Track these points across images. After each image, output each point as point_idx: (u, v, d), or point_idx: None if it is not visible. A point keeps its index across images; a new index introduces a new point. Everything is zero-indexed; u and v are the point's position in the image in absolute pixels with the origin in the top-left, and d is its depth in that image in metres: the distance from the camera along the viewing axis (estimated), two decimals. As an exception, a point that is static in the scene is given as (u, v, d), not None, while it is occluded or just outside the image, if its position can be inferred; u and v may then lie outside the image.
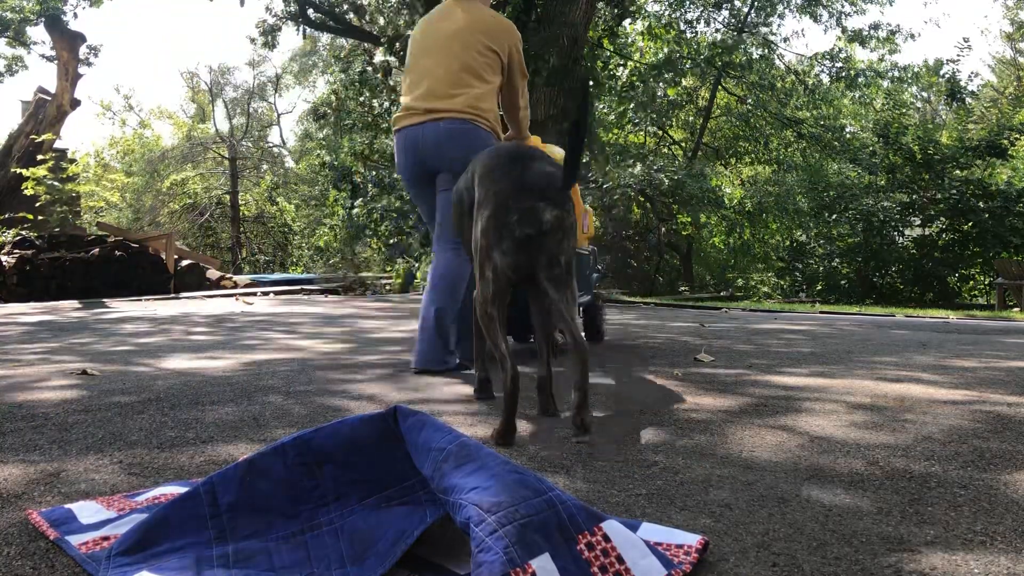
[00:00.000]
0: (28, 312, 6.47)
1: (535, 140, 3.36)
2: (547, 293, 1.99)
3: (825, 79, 17.30)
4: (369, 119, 16.82)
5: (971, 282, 15.14)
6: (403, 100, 3.03)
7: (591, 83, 10.42)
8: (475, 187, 2.09)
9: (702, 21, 16.63)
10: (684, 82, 16.76)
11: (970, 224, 14.04)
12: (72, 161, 15.32)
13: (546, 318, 2.29)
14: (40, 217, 11.69)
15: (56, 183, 11.98)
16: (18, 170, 12.72)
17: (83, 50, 15.49)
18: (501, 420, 1.86)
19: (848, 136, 17.87)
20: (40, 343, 4.00)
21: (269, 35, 15.56)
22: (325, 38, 25.59)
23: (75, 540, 1.23)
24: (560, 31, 9.59)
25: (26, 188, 12.02)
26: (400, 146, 2.99)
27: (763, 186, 17.13)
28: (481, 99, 2.89)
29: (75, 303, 7.69)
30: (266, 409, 2.22)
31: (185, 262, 11.94)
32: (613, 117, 16.74)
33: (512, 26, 3.08)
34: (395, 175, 18.65)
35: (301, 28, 15.48)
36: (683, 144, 19.56)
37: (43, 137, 13.77)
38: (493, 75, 2.95)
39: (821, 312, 8.35)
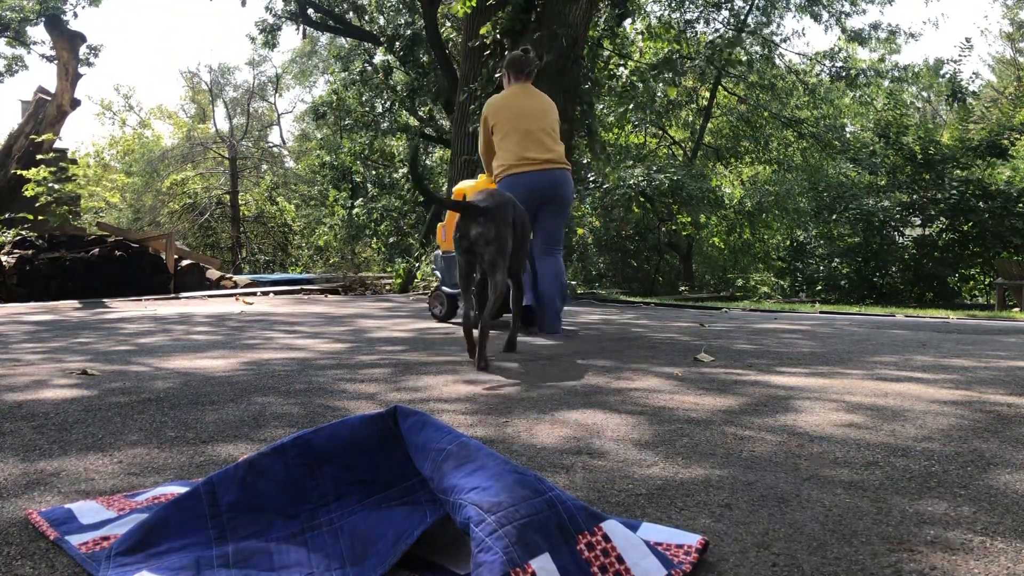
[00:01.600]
0: (28, 312, 6.47)
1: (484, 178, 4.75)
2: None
3: (825, 79, 17.31)
4: (369, 119, 16.82)
5: (971, 282, 15.14)
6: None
7: (591, 83, 10.42)
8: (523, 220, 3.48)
9: (702, 21, 16.63)
10: (684, 82, 16.75)
11: (970, 224, 14.05)
12: (72, 161, 15.32)
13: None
14: (40, 217, 11.68)
15: (56, 184, 11.98)
16: (18, 171, 12.72)
17: (83, 50, 15.48)
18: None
19: (848, 136, 17.87)
20: (40, 343, 4.00)
21: (269, 34, 15.56)
22: (325, 38, 25.60)
23: (75, 540, 1.23)
24: (560, 31, 9.58)
25: (26, 189, 12.03)
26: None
27: (763, 186, 17.13)
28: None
29: (75, 303, 7.69)
30: (266, 409, 2.22)
31: (185, 262, 11.94)
32: (612, 118, 16.74)
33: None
34: (395, 175, 18.67)
35: (301, 27, 15.48)
36: (683, 144, 19.57)
37: (43, 137, 13.76)
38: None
39: (821, 312, 8.36)
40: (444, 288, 5.12)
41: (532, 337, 4.14)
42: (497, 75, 4.66)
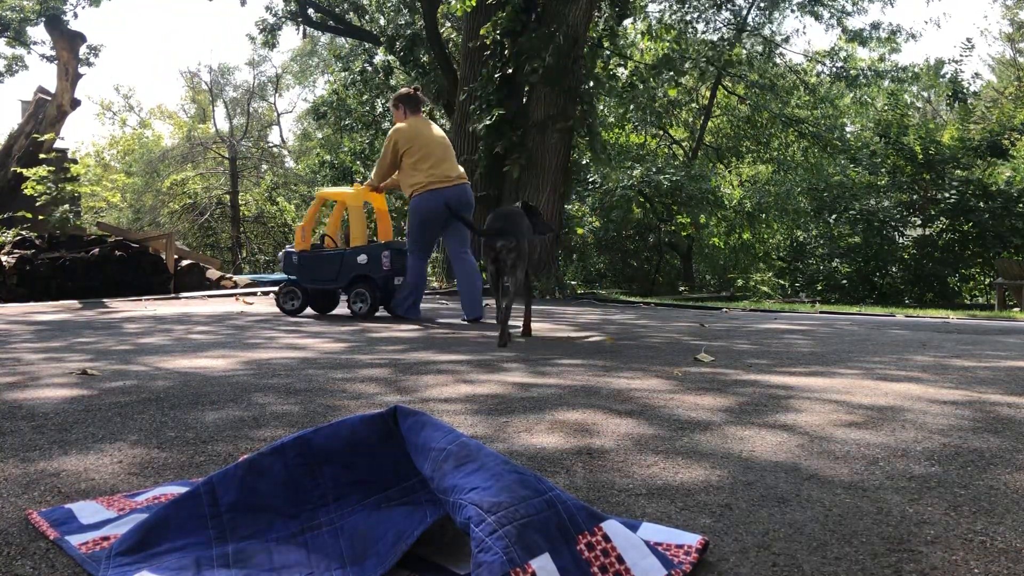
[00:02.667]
0: (28, 312, 6.47)
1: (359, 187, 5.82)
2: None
3: (826, 78, 17.31)
4: (369, 119, 16.82)
5: (971, 282, 15.14)
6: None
7: (591, 83, 10.42)
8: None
9: (702, 21, 16.63)
10: (684, 82, 16.75)
11: (970, 224, 14.04)
12: (73, 161, 15.31)
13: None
14: (40, 217, 11.68)
15: (56, 183, 11.98)
16: (18, 170, 12.72)
17: (83, 50, 15.48)
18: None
19: (849, 136, 17.87)
20: (40, 343, 4.00)
21: (269, 34, 15.56)
22: (325, 38, 25.60)
23: (75, 540, 1.23)
24: (559, 31, 9.58)
25: (26, 188, 12.03)
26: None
27: (763, 186, 17.12)
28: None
29: (75, 303, 7.69)
30: (266, 409, 2.22)
31: (185, 262, 11.93)
32: (613, 119, 16.74)
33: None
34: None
35: (301, 27, 15.48)
36: (683, 144, 19.56)
37: (43, 137, 13.76)
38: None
39: (821, 312, 8.36)
40: (298, 284, 5.79)
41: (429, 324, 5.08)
42: (388, 104, 5.83)
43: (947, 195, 14.10)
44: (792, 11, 16.96)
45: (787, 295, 16.12)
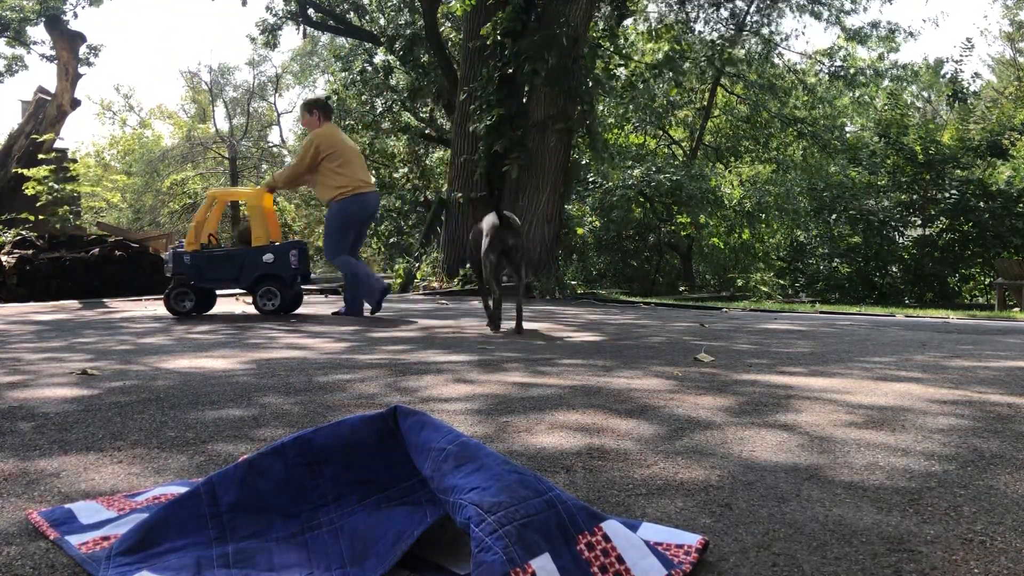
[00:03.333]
0: (28, 312, 6.47)
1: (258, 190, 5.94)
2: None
3: (825, 77, 17.31)
4: (370, 119, 16.82)
5: (971, 282, 15.14)
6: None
7: (591, 83, 10.43)
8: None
9: (701, 21, 16.63)
10: (684, 82, 16.75)
11: (970, 224, 14.04)
12: (73, 161, 15.31)
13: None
14: (40, 217, 11.68)
15: (56, 183, 11.98)
16: (19, 170, 12.72)
17: (83, 50, 15.48)
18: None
19: (849, 136, 17.86)
20: (40, 343, 4.00)
21: (269, 34, 15.56)
22: (325, 38, 25.60)
23: (75, 540, 1.23)
24: (560, 31, 9.58)
25: (27, 189, 12.03)
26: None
27: (763, 186, 17.12)
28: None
29: (75, 303, 7.69)
30: (266, 409, 2.22)
31: (185, 262, 11.90)
32: (612, 119, 16.74)
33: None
34: (395, 175, 18.67)
35: (301, 27, 15.48)
36: (683, 144, 19.57)
37: (43, 137, 13.76)
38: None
39: (821, 312, 8.36)
40: (190, 285, 5.68)
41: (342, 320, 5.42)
42: (300, 107, 6.14)
43: (947, 195, 14.10)
44: (792, 12, 16.96)
45: (787, 295, 16.12)
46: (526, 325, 4.88)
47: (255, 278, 5.64)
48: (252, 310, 6.16)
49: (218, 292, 6.30)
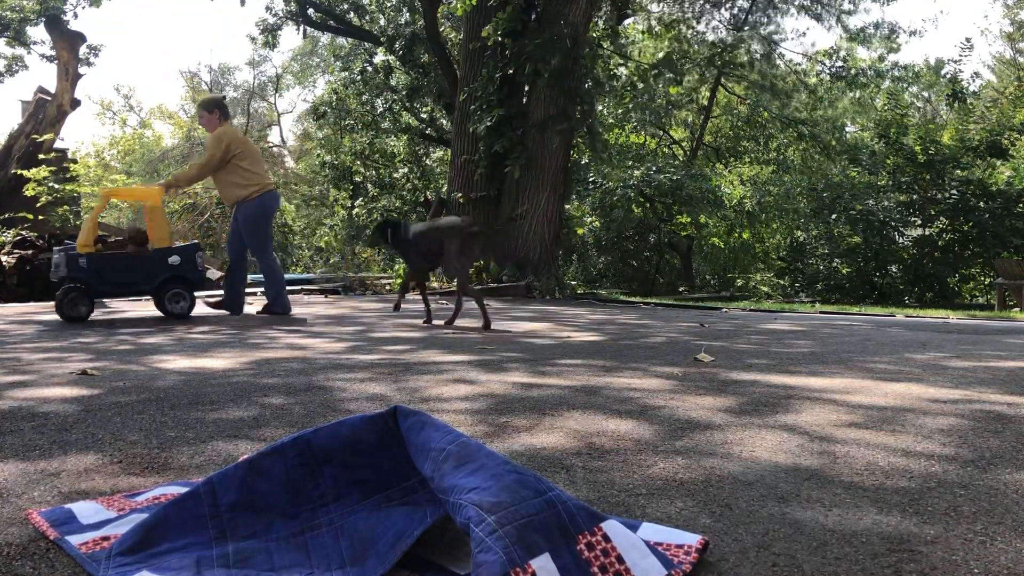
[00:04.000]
0: (28, 312, 6.47)
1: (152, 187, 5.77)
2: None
3: (825, 78, 17.30)
4: (369, 119, 16.82)
5: (971, 282, 15.13)
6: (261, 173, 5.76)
7: (592, 83, 10.43)
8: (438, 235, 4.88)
9: (703, 21, 16.61)
10: (684, 82, 16.74)
11: (970, 224, 14.04)
12: (73, 161, 15.31)
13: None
14: (40, 217, 11.67)
15: (56, 184, 11.98)
16: (18, 171, 12.72)
17: (83, 50, 15.48)
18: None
19: (849, 137, 17.86)
20: (40, 343, 4.00)
21: (269, 34, 15.56)
22: (325, 38, 25.59)
23: (75, 540, 1.23)
24: (560, 31, 9.58)
25: (27, 190, 12.02)
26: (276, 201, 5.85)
27: (764, 186, 17.11)
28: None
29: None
30: (266, 409, 2.22)
31: (185, 262, 11.90)
32: (612, 120, 16.73)
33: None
34: (394, 175, 18.67)
35: (301, 27, 15.48)
36: (683, 144, 19.57)
37: (43, 137, 13.76)
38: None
39: (821, 312, 8.36)
40: (85, 289, 5.27)
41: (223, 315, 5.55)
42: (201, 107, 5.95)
43: (947, 195, 14.10)
44: (792, 13, 16.94)
45: (787, 295, 16.12)
46: (529, 325, 4.96)
47: (161, 281, 5.40)
48: (252, 309, 6.16)
49: (218, 292, 6.28)
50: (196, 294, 5.96)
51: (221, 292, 6.80)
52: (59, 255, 5.27)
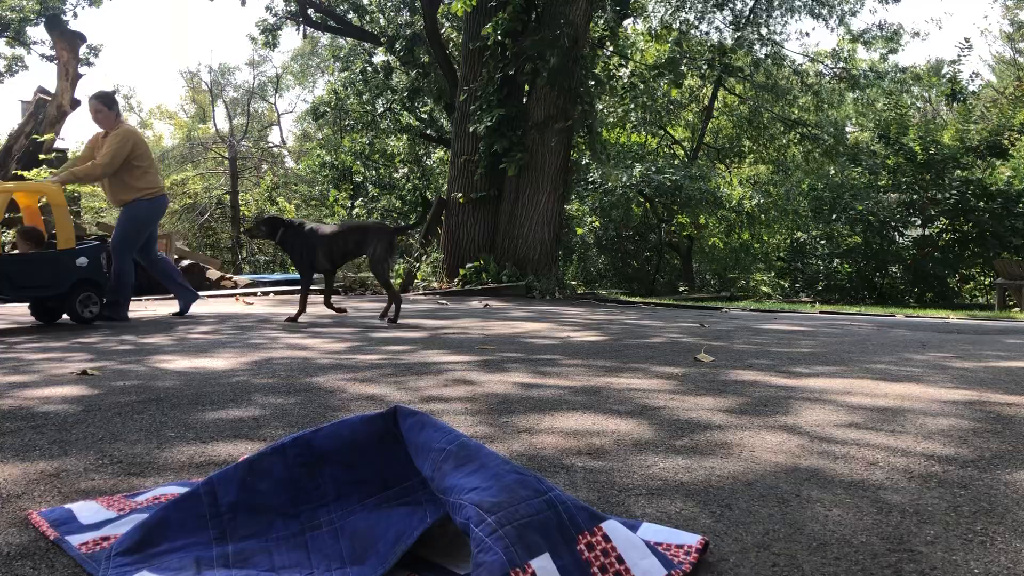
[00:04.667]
0: (28, 312, 6.47)
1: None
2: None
3: (826, 80, 17.29)
4: (369, 119, 16.82)
5: (971, 282, 15.13)
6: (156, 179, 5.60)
7: (592, 83, 10.44)
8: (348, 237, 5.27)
9: (704, 21, 16.61)
10: (686, 82, 16.75)
11: (970, 224, 14.04)
12: (73, 161, 15.25)
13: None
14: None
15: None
16: (18, 171, 12.71)
17: (83, 50, 15.48)
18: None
19: (849, 139, 17.86)
20: (40, 343, 4.00)
21: (269, 34, 15.57)
22: (325, 38, 25.60)
23: (75, 540, 1.23)
24: (560, 31, 9.59)
25: None
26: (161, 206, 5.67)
27: (765, 187, 17.11)
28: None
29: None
30: (266, 409, 2.22)
31: (185, 262, 11.93)
32: (612, 119, 16.73)
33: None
34: (394, 175, 18.67)
35: (301, 27, 15.48)
36: (684, 144, 19.56)
37: (43, 137, 13.76)
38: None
39: (821, 312, 8.36)
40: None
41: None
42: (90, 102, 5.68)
43: (947, 195, 14.10)
44: (795, 14, 16.93)
45: (787, 295, 16.12)
46: (530, 326, 5.00)
47: (72, 284, 5.01)
48: (252, 309, 6.16)
49: (218, 292, 6.26)
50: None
51: (222, 293, 6.79)
52: None
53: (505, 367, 3.06)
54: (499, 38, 9.92)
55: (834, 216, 15.22)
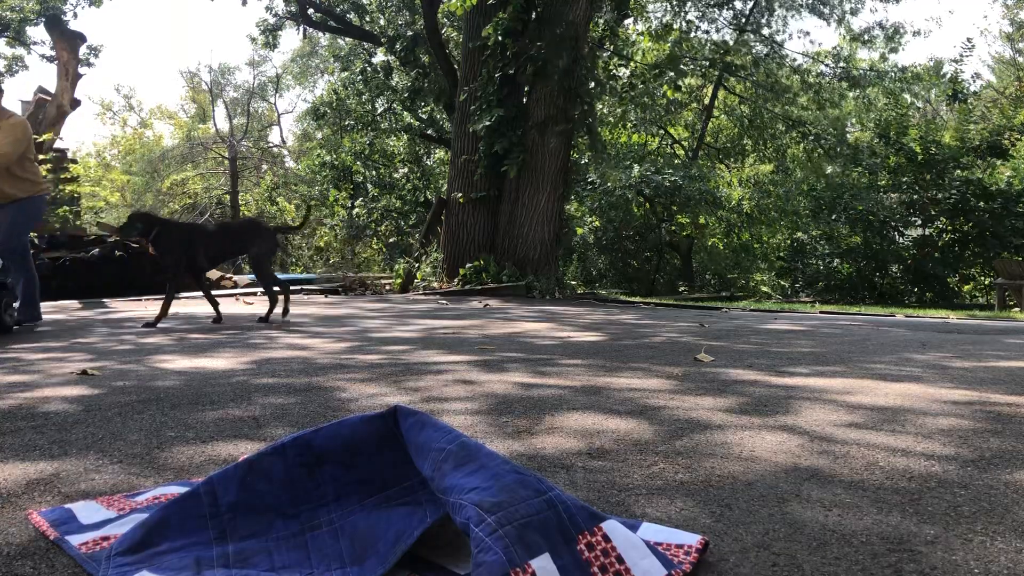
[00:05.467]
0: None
1: None
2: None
3: (826, 80, 17.29)
4: (369, 119, 16.82)
5: (971, 282, 15.14)
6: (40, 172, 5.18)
7: (592, 83, 10.44)
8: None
9: (705, 21, 16.60)
10: (686, 82, 16.74)
11: (970, 224, 14.04)
12: (73, 161, 15.30)
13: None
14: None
15: (55, 184, 11.98)
16: None
17: (83, 50, 15.48)
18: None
19: (850, 139, 17.86)
20: (40, 343, 4.00)
21: (270, 35, 15.57)
22: (325, 38, 25.59)
23: (75, 540, 1.23)
24: (560, 31, 9.59)
25: None
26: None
27: (766, 186, 17.12)
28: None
29: (75, 303, 7.69)
30: (266, 409, 2.22)
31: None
32: (612, 119, 16.74)
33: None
34: (394, 175, 18.67)
35: (301, 27, 15.48)
36: (684, 144, 19.57)
37: (43, 137, 13.76)
38: None
39: (821, 312, 8.35)
40: None
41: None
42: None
43: (947, 195, 14.10)
44: (795, 13, 16.93)
45: (787, 295, 16.12)
46: (530, 325, 4.96)
47: None
48: (252, 309, 6.15)
49: (218, 292, 6.25)
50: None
51: (222, 293, 6.77)
52: None
53: (505, 367, 3.06)
54: (499, 38, 9.92)
55: (834, 216, 15.23)
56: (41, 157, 13.00)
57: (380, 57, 16.16)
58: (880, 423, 2.05)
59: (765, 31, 16.74)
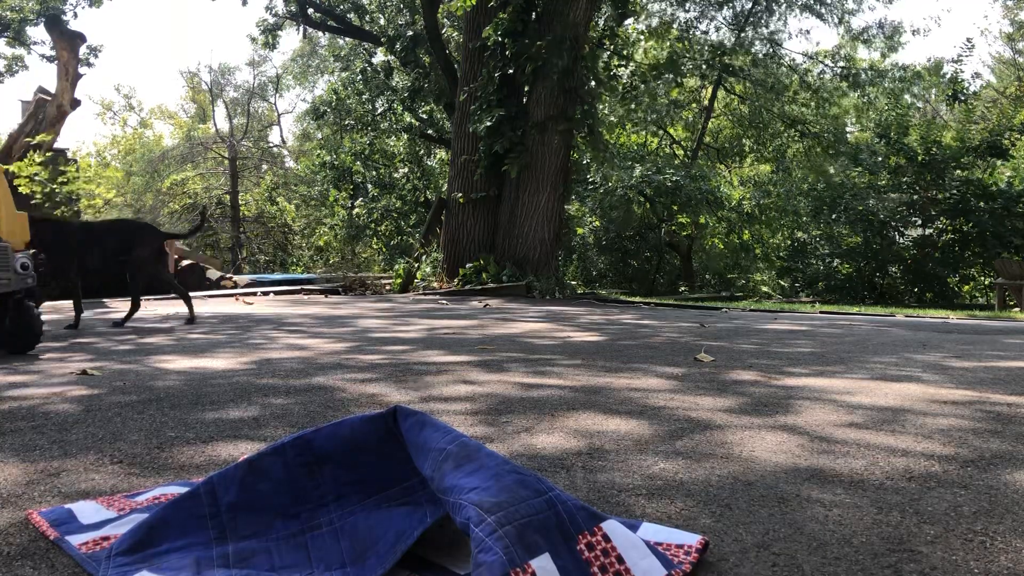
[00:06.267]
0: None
1: None
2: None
3: (826, 79, 17.29)
4: (369, 119, 16.82)
5: (971, 282, 15.13)
6: None
7: (592, 83, 10.44)
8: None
9: (704, 21, 16.59)
10: (686, 82, 16.74)
11: (970, 224, 14.04)
12: (73, 162, 15.29)
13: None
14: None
15: (53, 185, 11.99)
16: (11, 168, 12.71)
17: (83, 50, 15.47)
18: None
19: (850, 139, 17.86)
20: (40, 343, 4.00)
21: (270, 34, 15.57)
22: (325, 38, 25.59)
23: (75, 540, 1.23)
24: (565, 31, 9.59)
25: (19, 185, 12.01)
26: None
27: (766, 186, 17.11)
28: None
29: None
30: (266, 409, 2.22)
31: (185, 262, 11.94)
32: (613, 118, 16.74)
33: None
34: (395, 175, 18.65)
35: (301, 27, 15.48)
36: (684, 144, 19.56)
37: (40, 137, 13.76)
38: None
39: (821, 312, 8.35)
40: None
41: None
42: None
43: (947, 195, 14.10)
44: (795, 13, 16.92)
45: (787, 295, 16.12)
46: (530, 326, 4.96)
47: None
48: (252, 309, 6.15)
49: (218, 292, 6.24)
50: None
51: (222, 293, 6.75)
52: None
53: (505, 367, 3.06)
54: (499, 38, 9.92)
55: (834, 216, 15.23)
56: (33, 155, 13.01)
57: (380, 57, 16.17)
58: (880, 423, 2.05)
59: (765, 31, 16.73)
